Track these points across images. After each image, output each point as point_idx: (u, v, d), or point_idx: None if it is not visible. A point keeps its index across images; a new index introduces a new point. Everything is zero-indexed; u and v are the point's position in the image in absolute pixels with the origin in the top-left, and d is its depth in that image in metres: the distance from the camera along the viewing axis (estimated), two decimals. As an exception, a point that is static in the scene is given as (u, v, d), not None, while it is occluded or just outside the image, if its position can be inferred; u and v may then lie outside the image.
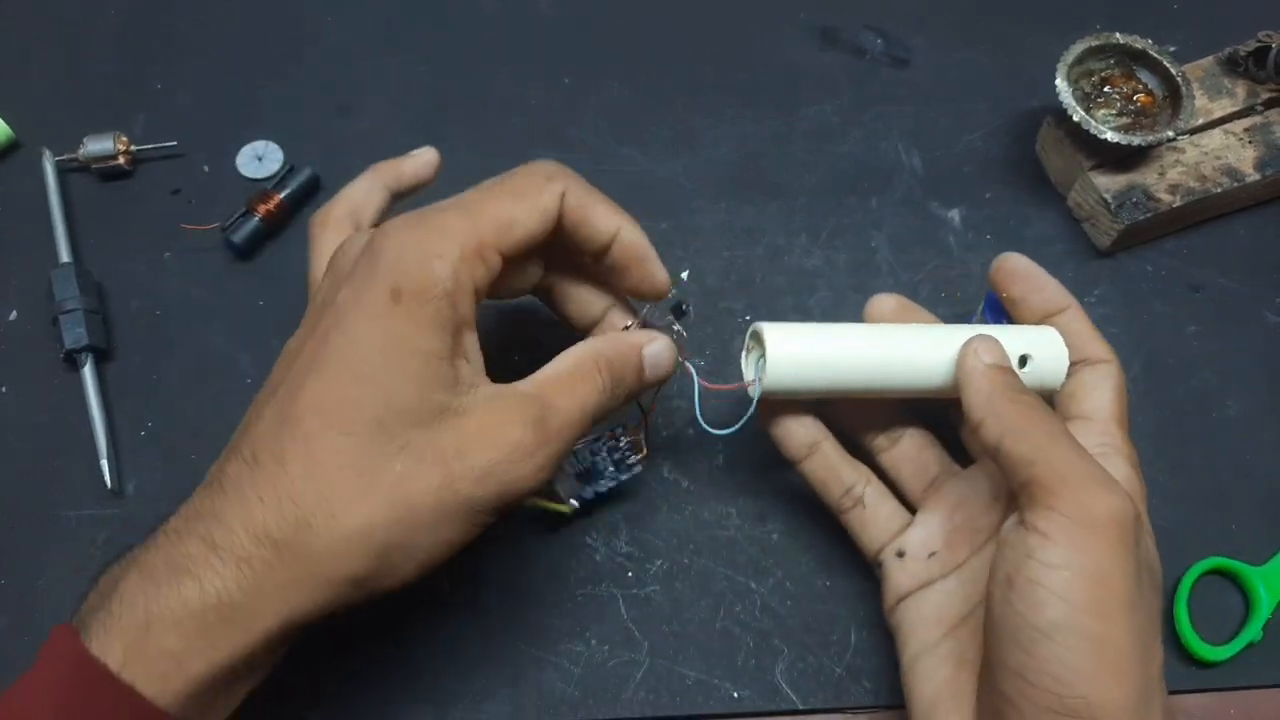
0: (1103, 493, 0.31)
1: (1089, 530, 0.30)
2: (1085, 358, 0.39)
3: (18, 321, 0.50)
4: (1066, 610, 0.30)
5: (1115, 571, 0.30)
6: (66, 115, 0.56)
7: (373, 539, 0.30)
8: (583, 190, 0.36)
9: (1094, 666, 0.29)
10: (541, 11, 0.60)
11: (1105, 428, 0.37)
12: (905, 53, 0.59)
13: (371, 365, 0.31)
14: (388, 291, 0.31)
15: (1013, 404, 0.34)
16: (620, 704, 0.41)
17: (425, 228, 0.33)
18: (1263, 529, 0.45)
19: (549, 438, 0.33)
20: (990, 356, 0.36)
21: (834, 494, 0.40)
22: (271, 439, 0.31)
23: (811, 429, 0.40)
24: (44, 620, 0.43)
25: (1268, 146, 0.51)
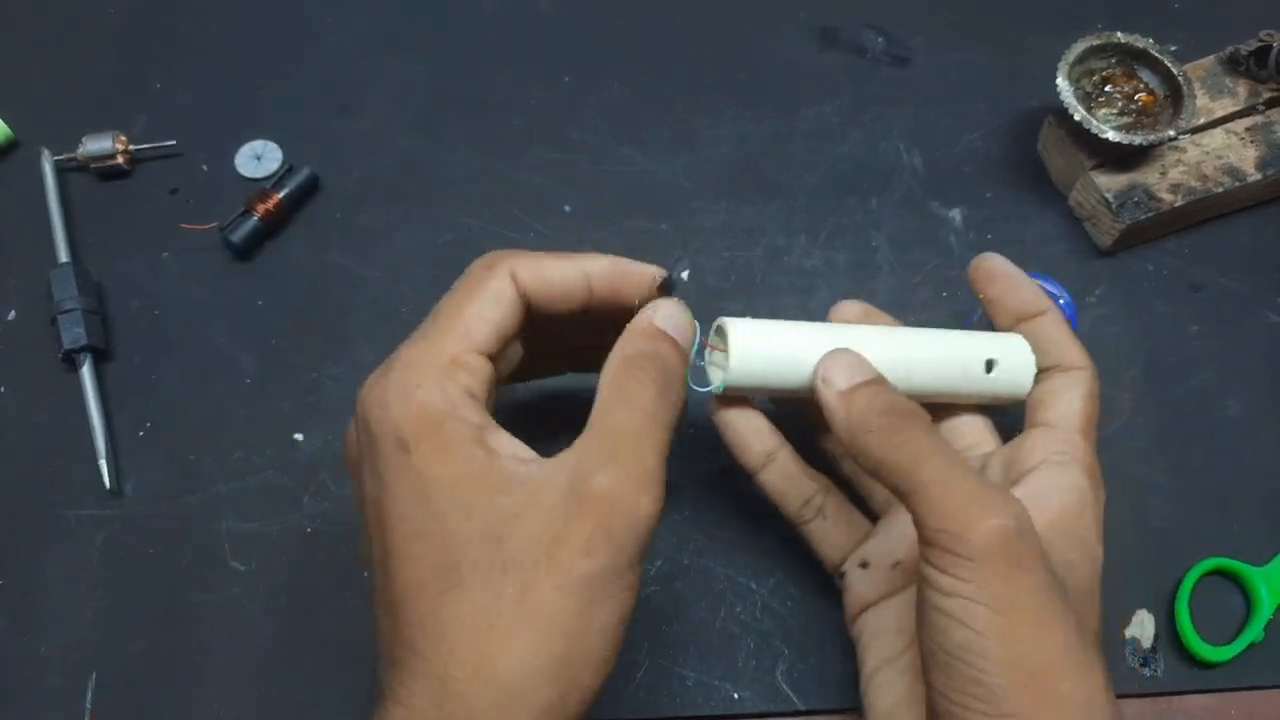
0: (979, 516, 0.29)
1: (973, 559, 0.29)
2: (1058, 363, 0.38)
3: (16, 321, 0.50)
4: (969, 635, 0.29)
5: (1009, 592, 0.29)
6: (66, 115, 0.56)
7: (533, 673, 0.28)
8: (530, 258, 0.34)
9: (1012, 686, 0.29)
10: (541, 11, 0.60)
11: (1067, 436, 0.36)
12: (906, 52, 0.59)
13: (422, 519, 0.30)
14: (394, 449, 0.30)
15: (872, 435, 0.32)
16: (620, 704, 0.41)
17: (392, 370, 0.32)
18: (1264, 529, 0.45)
19: (631, 468, 0.30)
20: (841, 378, 0.34)
21: (793, 505, 0.40)
22: (395, 635, 0.30)
23: (768, 439, 0.39)
24: (43, 620, 0.43)
25: (1269, 146, 0.51)
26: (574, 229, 0.52)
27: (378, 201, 0.53)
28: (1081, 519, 0.34)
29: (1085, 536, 0.34)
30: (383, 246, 0.52)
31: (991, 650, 0.29)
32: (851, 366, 0.34)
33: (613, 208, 0.53)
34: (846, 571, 0.39)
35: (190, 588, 0.43)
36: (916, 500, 0.31)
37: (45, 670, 0.42)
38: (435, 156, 0.55)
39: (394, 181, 0.54)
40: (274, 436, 0.46)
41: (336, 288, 0.51)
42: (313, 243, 0.52)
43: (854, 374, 0.34)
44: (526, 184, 0.54)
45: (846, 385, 0.34)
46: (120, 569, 0.44)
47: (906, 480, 0.31)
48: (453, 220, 0.53)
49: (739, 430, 0.39)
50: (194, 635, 0.42)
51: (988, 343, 0.38)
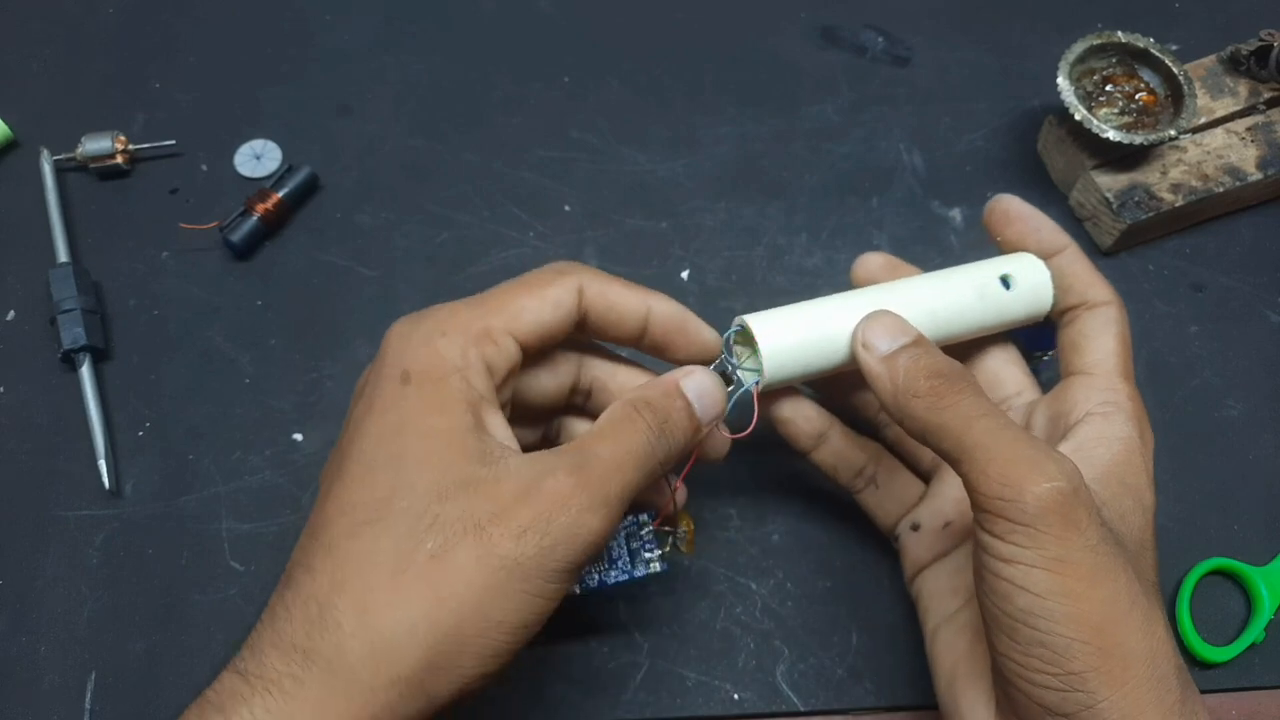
0: (1031, 478, 0.29)
1: (1029, 524, 0.29)
2: (1084, 300, 0.37)
3: (15, 321, 0.50)
4: (1030, 599, 0.29)
5: (1067, 553, 0.29)
6: (65, 114, 0.55)
7: (415, 632, 0.27)
8: (601, 279, 0.35)
9: (1077, 644, 0.29)
10: (541, 11, 0.60)
11: (1108, 382, 0.35)
12: (906, 52, 0.59)
13: (387, 452, 0.30)
14: (396, 378, 0.31)
15: (919, 399, 0.32)
16: (620, 705, 0.41)
17: (428, 316, 0.33)
18: (1265, 529, 0.45)
19: (591, 483, 0.30)
20: (883, 342, 0.34)
21: (845, 477, 0.40)
22: (301, 555, 0.30)
23: (816, 420, 0.39)
24: (42, 620, 0.43)
25: (1270, 145, 0.51)
26: (574, 228, 0.52)
27: (377, 201, 0.53)
28: (1131, 468, 0.34)
29: (1136, 485, 0.34)
30: (382, 246, 0.52)
31: (1054, 611, 0.29)
32: (890, 328, 0.34)
33: (613, 207, 0.53)
34: (900, 535, 0.40)
35: (189, 588, 0.43)
36: (967, 466, 0.30)
37: (44, 670, 0.41)
38: (435, 156, 0.55)
39: (394, 181, 0.54)
40: (273, 436, 0.46)
41: (336, 287, 0.51)
42: (312, 243, 0.52)
43: (894, 336, 0.34)
44: (526, 184, 0.54)
45: (888, 349, 0.33)
46: (119, 569, 0.44)
47: (956, 445, 0.31)
48: (452, 220, 0.52)
49: (792, 421, 0.39)
50: (192, 635, 0.42)
51: (999, 264, 0.38)
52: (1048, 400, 0.38)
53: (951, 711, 0.34)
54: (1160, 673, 0.29)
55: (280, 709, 0.27)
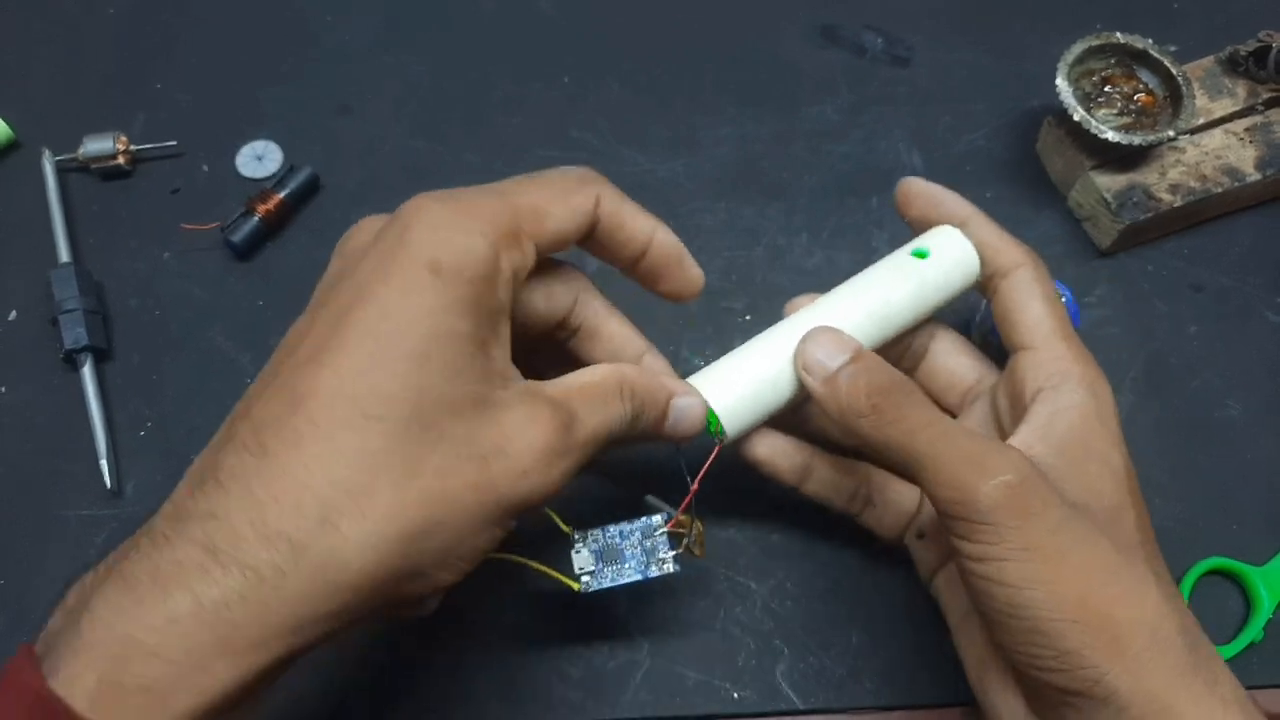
0: (979, 478, 0.30)
1: (985, 521, 0.30)
2: (997, 269, 0.37)
3: (17, 322, 0.50)
4: (1009, 591, 0.30)
5: (1029, 540, 0.30)
6: (66, 115, 0.56)
7: (406, 538, 0.27)
8: (617, 195, 0.34)
9: (1065, 625, 0.29)
10: (541, 11, 0.60)
11: (1048, 351, 0.35)
12: (906, 52, 0.59)
13: (407, 343, 0.28)
14: (425, 263, 0.28)
15: (865, 420, 0.32)
16: (620, 705, 0.41)
17: (459, 202, 0.30)
18: (1264, 529, 0.45)
19: (571, 447, 0.30)
20: (823, 361, 0.34)
21: (840, 503, 0.40)
22: (283, 424, 0.27)
23: (796, 455, 0.39)
24: (42, 620, 0.43)
25: (1268, 146, 0.51)
26: (574, 229, 0.52)
27: (379, 202, 0.52)
28: (1090, 433, 0.34)
29: (1099, 448, 0.34)
30: (383, 246, 0.52)
31: (1033, 599, 0.29)
32: (827, 345, 0.34)
33: (613, 208, 0.53)
34: (908, 544, 0.40)
35: (191, 587, 0.43)
36: (920, 477, 0.31)
37: (46, 670, 0.42)
38: (436, 156, 0.55)
39: (395, 181, 0.54)
40: (274, 436, 0.46)
41: (337, 288, 0.51)
42: (313, 243, 0.52)
43: (832, 353, 0.34)
44: (527, 184, 0.54)
45: (830, 369, 0.34)
46: (121, 569, 0.44)
47: (906, 459, 0.32)
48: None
49: (770, 460, 0.39)
50: (194, 635, 0.42)
51: (913, 243, 0.38)
52: (1002, 382, 0.38)
53: (984, 701, 0.35)
54: (1163, 635, 0.30)
55: (257, 598, 0.25)
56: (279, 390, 0.28)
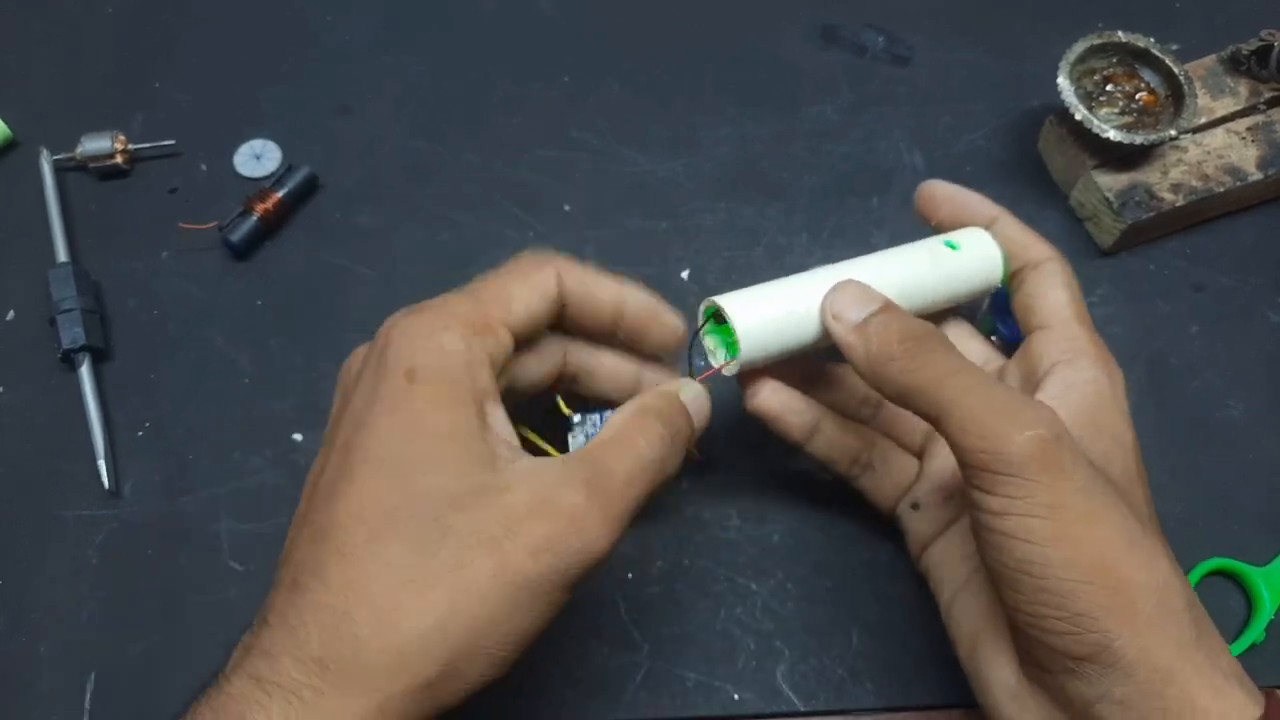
0: (1011, 429, 0.30)
1: (1012, 474, 0.29)
2: (1026, 262, 0.38)
3: (15, 321, 0.50)
4: (1028, 548, 0.30)
5: (1056, 498, 0.29)
6: (64, 114, 0.55)
7: (432, 640, 0.28)
8: (578, 268, 0.35)
9: (1081, 586, 0.29)
10: (541, 11, 0.60)
11: (1066, 331, 0.36)
12: (906, 51, 0.59)
13: (398, 455, 0.29)
14: (401, 375, 0.30)
15: (894, 363, 0.32)
16: (620, 705, 0.41)
17: (427, 310, 0.32)
18: (1266, 530, 0.45)
19: (607, 499, 0.30)
20: (852, 311, 0.34)
21: (842, 466, 0.40)
22: (310, 558, 0.29)
23: (806, 413, 0.39)
24: (41, 620, 0.43)
25: (1270, 145, 0.51)
26: (574, 229, 0.52)
27: (377, 201, 0.53)
28: (1102, 409, 0.34)
29: (1112, 425, 0.34)
30: (382, 246, 0.52)
31: (1052, 557, 0.29)
32: (858, 297, 0.35)
33: (613, 207, 0.53)
34: (901, 515, 0.40)
35: (188, 588, 0.43)
36: (949, 424, 0.31)
37: (43, 670, 0.41)
38: (435, 156, 0.55)
39: (393, 181, 0.54)
40: (273, 436, 0.46)
41: (335, 287, 0.51)
42: (312, 242, 0.52)
43: (863, 304, 0.34)
44: (526, 184, 0.54)
45: (858, 318, 0.34)
46: (119, 569, 0.44)
47: (935, 404, 0.31)
48: (452, 220, 0.52)
49: (780, 414, 0.39)
50: (192, 635, 0.42)
51: (945, 235, 0.39)
52: (1015, 360, 0.38)
53: (976, 676, 0.35)
54: (1170, 606, 0.30)
55: (300, 716, 0.27)
56: (308, 529, 0.30)
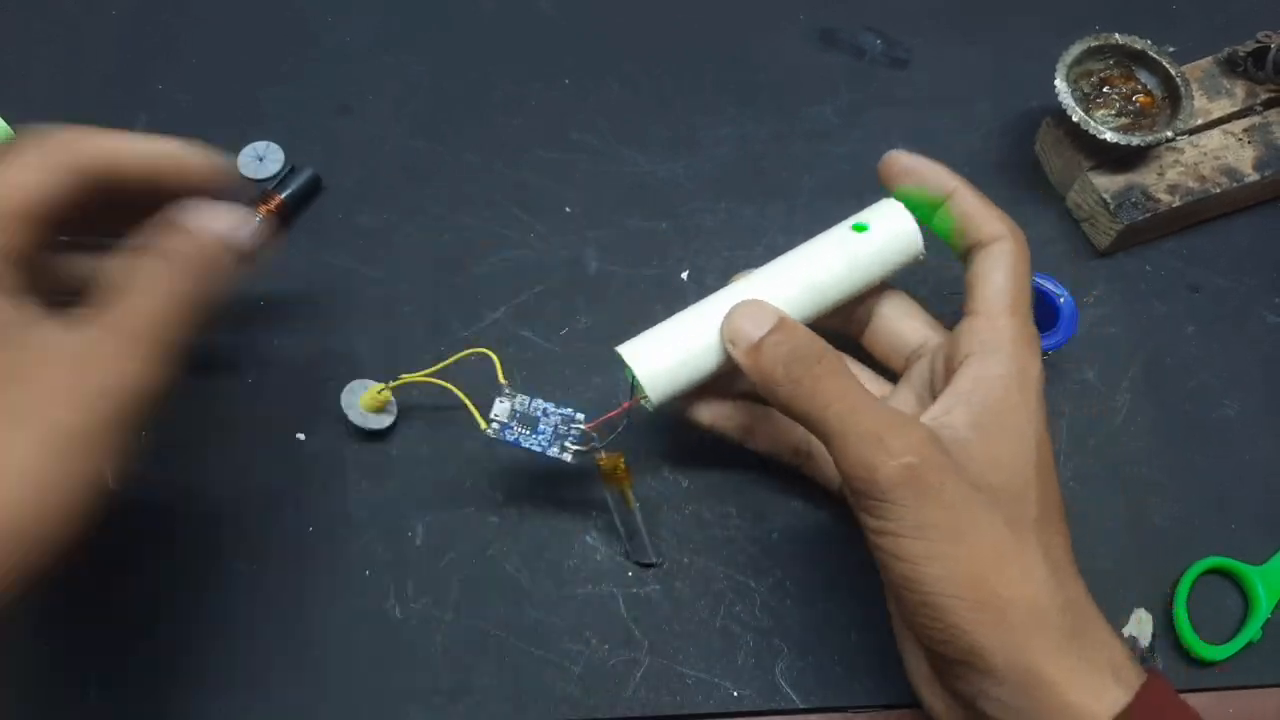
0: (882, 457, 0.31)
1: (884, 499, 0.31)
2: (978, 239, 0.37)
3: (18, 321, 0.50)
4: (904, 566, 0.32)
5: (924, 518, 0.31)
6: (66, 115, 0.55)
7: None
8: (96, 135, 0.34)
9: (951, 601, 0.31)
10: (542, 12, 0.61)
11: (990, 321, 0.36)
12: (905, 53, 0.59)
13: None
14: None
15: (780, 389, 0.34)
16: (620, 703, 0.41)
17: None
18: (1262, 528, 0.45)
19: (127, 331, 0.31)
20: (749, 329, 0.35)
21: (785, 458, 0.42)
22: None
23: (737, 415, 0.41)
24: (41, 621, 0.43)
25: (1267, 147, 0.51)
26: (574, 229, 0.52)
27: (379, 202, 0.53)
28: (1009, 406, 0.34)
29: (1015, 423, 0.34)
30: (384, 247, 0.52)
31: (925, 575, 0.31)
32: (753, 317, 0.35)
33: (613, 208, 0.53)
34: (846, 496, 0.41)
35: (191, 587, 0.43)
36: (832, 448, 0.33)
37: (42, 671, 0.42)
38: (436, 157, 0.55)
39: (395, 182, 0.54)
40: (275, 436, 0.47)
41: (338, 288, 0.51)
42: (314, 243, 0.52)
43: (758, 324, 0.35)
44: (527, 184, 0.54)
45: (750, 342, 0.35)
46: (121, 568, 0.44)
47: (819, 429, 0.33)
48: (453, 220, 0.53)
49: (714, 422, 0.41)
50: (194, 634, 0.42)
51: (857, 216, 0.39)
52: (945, 343, 0.38)
53: (903, 655, 0.38)
54: (1040, 613, 0.31)
55: None
56: None
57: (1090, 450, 0.46)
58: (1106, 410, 0.48)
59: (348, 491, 0.45)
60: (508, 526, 0.44)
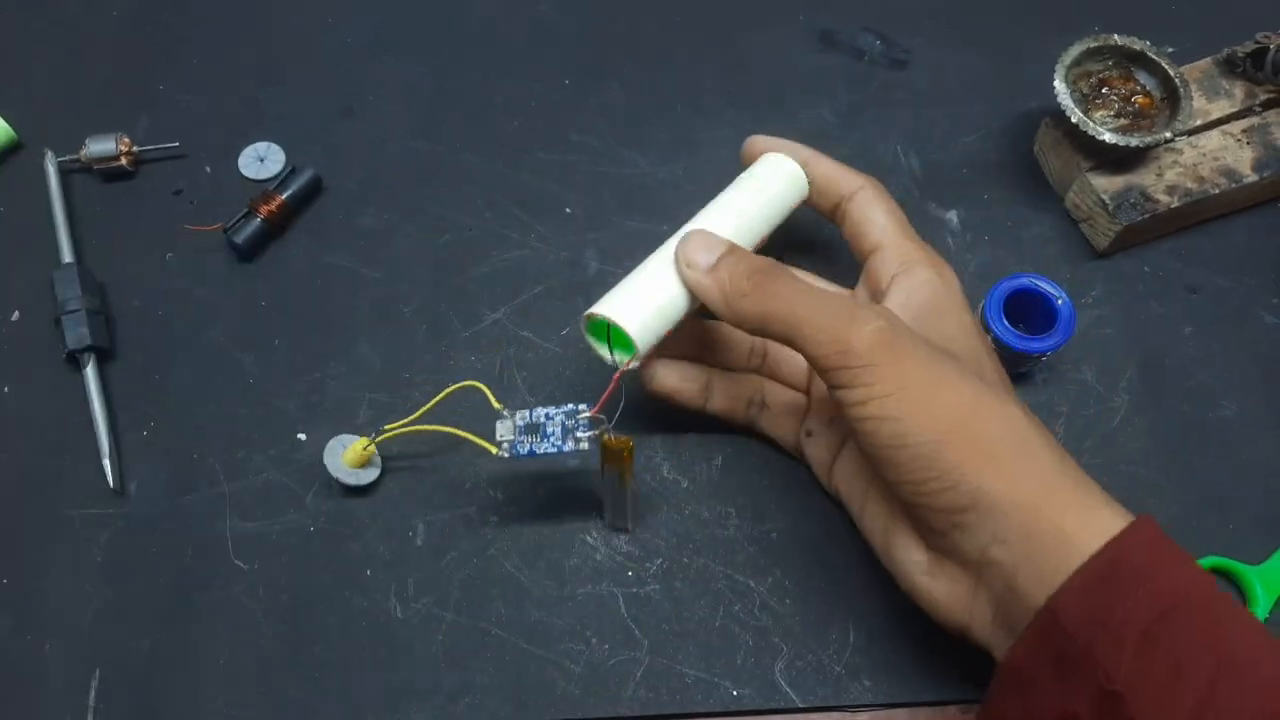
0: (853, 328, 0.34)
1: (865, 363, 0.34)
2: (842, 195, 0.42)
3: (20, 322, 0.50)
4: (893, 424, 0.33)
5: (903, 374, 0.34)
6: (68, 116, 0.56)
7: None
8: None
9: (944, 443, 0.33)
10: (542, 14, 0.61)
11: (897, 247, 0.40)
12: (903, 54, 0.59)
13: None
14: None
15: (746, 298, 0.36)
16: (621, 702, 0.41)
17: None
18: (1260, 528, 0.45)
19: None
20: (703, 256, 0.38)
21: (741, 412, 0.44)
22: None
23: (698, 376, 0.43)
24: (47, 618, 0.43)
25: (1265, 148, 0.51)
26: (575, 230, 0.53)
27: (380, 203, 0.54)
28: (940, 299, 0.39)
29: (954, 311, 0.39)
30: (384, 247, 0.52)
31: (911, 426, 0.33)
32: (705, 244, 0.39)
33: (613, 209, 0.53)
34: (802, 446, 0.44)
35: (193, 586, 0.43)
36: (801, 340, 0.35)
37: (49, 668, 0.42)
38: (437, 158, 0.55)
39: (396, 183, 0.54)
40: (277, 436, 0.47)
41: (339, 288, 0.51)
42: (315, 244, 0.52)
43: (710, 250, 0.38)
44: (527, 185, 0.54)
45: (709, 262, 0.38)
46: (123, 568, 0.44)
47: (786, 326, 0.35)
48: (454, 221, 0.53)
49: (678, 387, 0.43)
50: (196, 633, 0.42)
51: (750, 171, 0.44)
52: (861, 284, 0.43)
53: (894, 566, 0.38)
54: (1028, 447, 0.34)
55: None
56: None
57: (1088, 450, 0.47)
58: (1104, 411, 0.48)
59: (349, 491, 0.45)
60: (508, 526, 0.45)
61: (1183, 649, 0.30)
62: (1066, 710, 0.31)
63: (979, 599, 0.35)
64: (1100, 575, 0.31)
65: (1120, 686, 0.30)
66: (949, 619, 0.36)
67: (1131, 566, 0.31)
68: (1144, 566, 0.31)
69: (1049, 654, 0.32)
